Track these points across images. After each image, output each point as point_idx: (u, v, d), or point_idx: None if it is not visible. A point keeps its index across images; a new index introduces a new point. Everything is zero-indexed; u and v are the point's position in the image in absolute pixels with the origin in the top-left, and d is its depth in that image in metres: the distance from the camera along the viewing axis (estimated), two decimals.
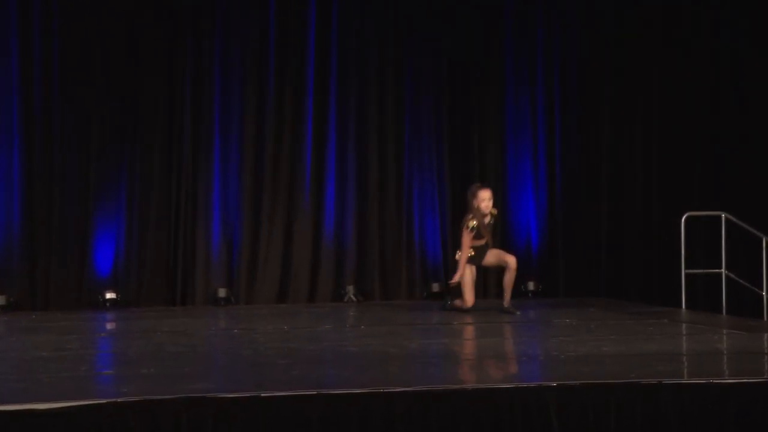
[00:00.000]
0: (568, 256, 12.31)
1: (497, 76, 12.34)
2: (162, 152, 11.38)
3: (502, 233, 12.24)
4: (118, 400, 5.60)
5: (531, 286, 12.18)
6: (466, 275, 10.25)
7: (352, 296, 11.78)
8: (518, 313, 10.15)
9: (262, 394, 5.74)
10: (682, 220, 11.24)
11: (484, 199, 10.20)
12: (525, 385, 6.09)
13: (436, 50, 12.15)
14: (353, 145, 11.96)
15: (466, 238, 10.22)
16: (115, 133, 11.32)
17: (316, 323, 9.83)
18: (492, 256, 10.39)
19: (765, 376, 6.49)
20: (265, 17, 11.71)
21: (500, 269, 10.59)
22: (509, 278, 10.25)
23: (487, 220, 10.33)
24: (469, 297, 10.24)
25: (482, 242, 10.32)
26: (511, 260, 10.27)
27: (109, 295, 11.13)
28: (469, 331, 9.05)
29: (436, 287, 11.98)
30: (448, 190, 12.18)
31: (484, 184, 10.65)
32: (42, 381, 6.39)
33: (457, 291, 10.42)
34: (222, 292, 11.49)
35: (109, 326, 10.13)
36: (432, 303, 11.66)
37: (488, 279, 11.89)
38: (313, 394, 5.79)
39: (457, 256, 10.45)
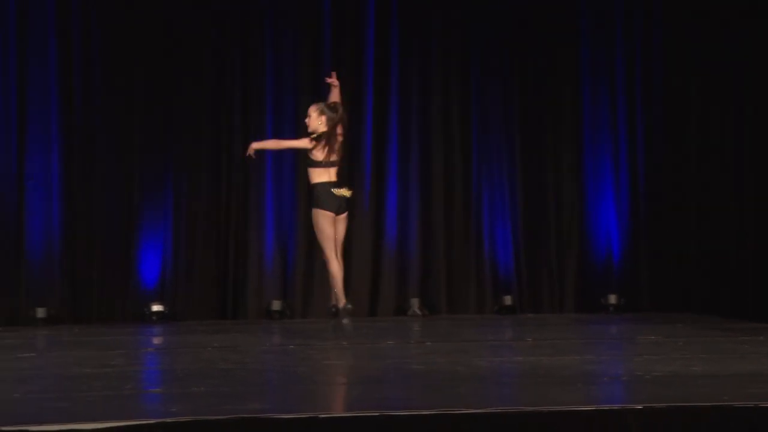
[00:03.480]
0: (652, 266, 12.20)
1: (572, 70, 12.28)
2: (210, 156, 11.48)
3: (579, 242, 12.18)
4: (167, 420, 5.64)
5: (612, 299, 12.09)
6: (325, 226, 9.21)
7: (416, 310, 11.78)
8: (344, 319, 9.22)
9: (320, 416, 5.75)
10: None
11: (308, 115, 9.30)
12: (606, 407, 6.04)
13: (505, 44, 12.12)
14: (416, 146, 11.98)
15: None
16: (160, 136, 11.44)
17: (378, 339, 9.83)
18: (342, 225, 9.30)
19: None
20: (320, 9, 11.76)
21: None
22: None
23: (334, 143, 9.22)
24: (330, 254, 9.21)
25: (335, 175, 9.24)
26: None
27: (155, 308, 11.24)
28: (545, 348, 9.00)
29: (508, 300, 11.95)
30: (521, 195, 12.14)
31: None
32: (85, 399, 6.46)
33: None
34: (276, 305, 11.55)
35: (155, 341, 10.22)
36: (503, 317, 11.64)
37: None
38: (375, 415, 5.79)
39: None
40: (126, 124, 11.35)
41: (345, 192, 9.37)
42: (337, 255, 9.35)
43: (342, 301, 9.28)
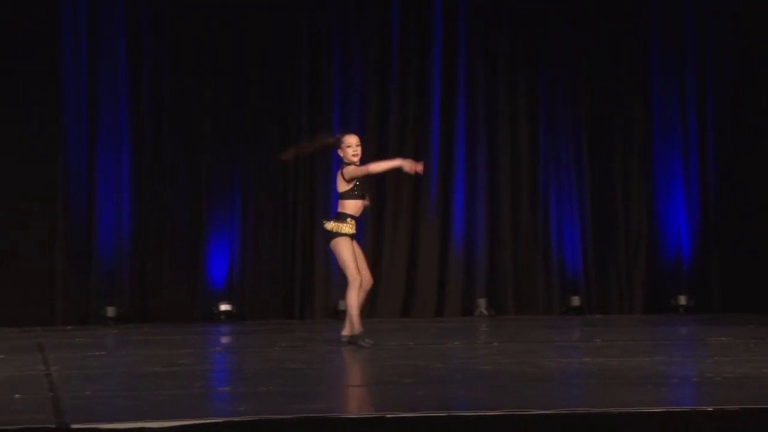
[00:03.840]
0: (723, 267, 12.06)
1: (641, 69, 12.18)
2: (277, 152, 11.47)
3: (648, 242, 12.08)
4: (235, 419, 5.67)
5: (682, 300, 11.98)
6: (348, 246, 8.79)
7: (483, 310, 11.76)
8: (368, 343, 8.81)
9: (387, 416, 5.75)
10: None
11: (351, 144, 8.92)
12: (677, 409, 5.98)
13: (572, 38, 12.06)
14: (483, 144, 11.95)
15: (376, 165, 8.99)
16: (228, 134, 11.52)
17: (444, 339, 9.82)
18: (358, 254, 8.91)
19: None
20: (387, 5, 11.77)
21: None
22: (361, 297, 8.91)
23: (360, 174, 8.91)
24: (353, 272, 8.80)
25: (360, 212, 8.87)
26: (367, 277, 8.96)
27: (223, 307, 11.32)
28: (614, 350, 8.93)
29: (575, 301, 11.88)
30: (589, 195, 12.07)
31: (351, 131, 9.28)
32: (154, 398, 6.52)
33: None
34: (342, 305, 11.54)
35: (223, 340, 10.30)
36: (571, 318, 11.58)
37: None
38: (441, 415, 5.79)
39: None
40: (194, 125, 11.44)
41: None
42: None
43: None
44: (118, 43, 11.28)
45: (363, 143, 11.55)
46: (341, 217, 8.78)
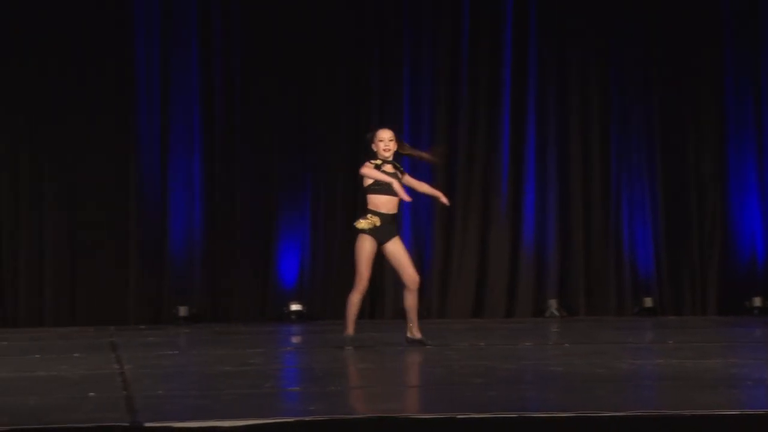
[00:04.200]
0: None
1: (715, 69, 12.05)
2: (347, 154, 11.53)
3: (722, 243, 11.94)
4: (305, 418, 5.70)
5: (757, 302, 11.83)
6: (365, 246, 8.69)
7: (554, 311, 11.70)
8: (429, 344, 8.79)
9: (457, 416, 5.75)
10: None
11: (383, 139, 8.67)
12: (750, 412, 5.90)
13: (643, 40, 11.96)
14: (554, 145, 11.90)
15: (368, 170, 8.61)
16: (299, 134, 11.58)
17: (515, 340, 9.78)
18: (395, 252, 8.76)
19: None
20: (458, 8, 11.75)
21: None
22: (411, 301, 8.81)
23: (391, 169, 8.68)
24: (359, 274, 8.75)
25: (391, 209, 8.66)
26: (410, 277, 8.81)
27: (294, 307, 11.38)
28: (687, 351, 8.84)
29: (648, 302, 11.78)
30: (661, 194, 11.97)
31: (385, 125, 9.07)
32: (224, 397, 6.57)
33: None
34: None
35: (294, 340, 10.34)
36: (644, 319, 11.48)
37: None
38: (512, 416, 5.76)
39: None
40: (265, 125, 11.52)
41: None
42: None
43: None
44: (190, 44, 11.39)
45: (433, 144, 11.65)
46: (364, 213, 8.71)
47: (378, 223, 8.65)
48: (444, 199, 8.93)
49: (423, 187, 9.11)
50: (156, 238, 11.34)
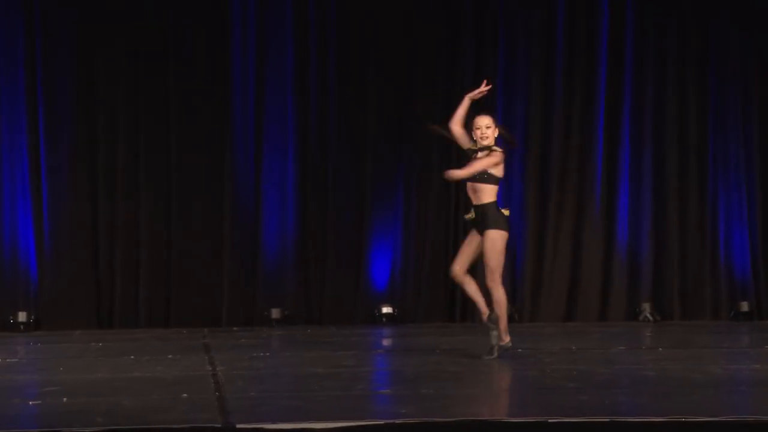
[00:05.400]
0: None
1: None
2: (440, 154, 11.47)
3: None
4: (396, 421, 5.72)
5: None
6: (467, 238, 8.60)
7: (648, 315, 11.57)
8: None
9: (549, 420, 5.73)
10: None
11: (479, 126, 8.55)
12: None
13: (742, 36, 11.76)
14: (649, 145, 11.75)
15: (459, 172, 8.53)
16: (391, 136, 11.58)
17: (608, 344, 9.71)
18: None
19: None
20: (554, 2, 11.67)
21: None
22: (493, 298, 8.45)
23: (484, 157, 8.52)
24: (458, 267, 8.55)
25: (475, 199, 8.55)
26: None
27: (385, 310, 11.40)
28: None
29: (744, 306, 11.60)
30: (759, 197, 11.77)
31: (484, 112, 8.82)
32: (317, 399, 6.62)
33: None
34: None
35: (385, 342, 10.37)
36: (740, 324, 11.31)
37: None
38: (605, 421, 5.73)
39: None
40: (358, 127, 11.54)
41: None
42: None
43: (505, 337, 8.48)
44: (285, 46, 11.44)
45: (528, 142, 11.56)
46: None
47: (473, 216, 8.58)
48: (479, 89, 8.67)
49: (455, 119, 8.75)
50: (249, 240, 11.43)
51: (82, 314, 11.14)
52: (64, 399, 6.66)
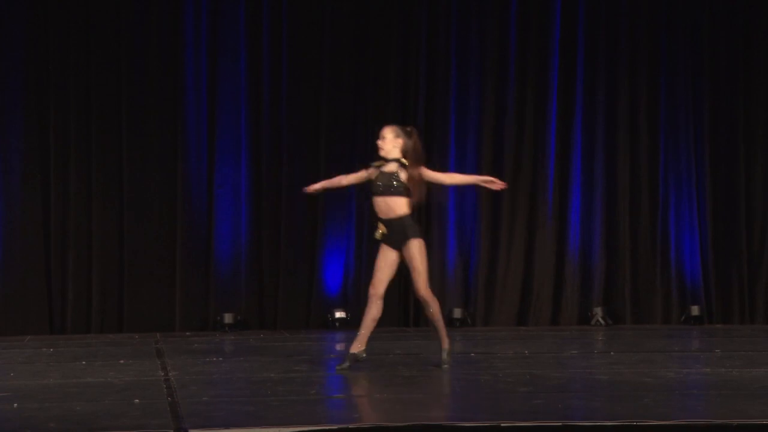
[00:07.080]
0: None
1: (766, 71, 11.94)
2: None
3: None
4: (350, 426, 5.71)
5: None
6: (379, 257, 8.36)
7: (600, 319, 11.64)
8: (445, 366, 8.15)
9: (502, 424, 5.74)
10: None
11: (380, 136, 8.29)
12: None
13: (693, 43, 11.87)
14: (601, 151, 11.84)
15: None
16: (344, 143, 11.58)
17: (561, 348, 9.75)
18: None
19: None
20: (506, 7, 11.70)
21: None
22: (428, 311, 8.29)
23: (391, 169, 8.22)
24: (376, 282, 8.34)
25: (384, 213, 8.24)
26: (416, 288, 8.24)
27: (338, 315, 11.39)
28: (735, 360, 8.78)
29: (695, 310, 11.70)
30: (709, 203, 11.88)
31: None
32: (270, 404, 6.60)
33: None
34: (457, 313, 11.57)
35: (338, 347, 10.35)
36: (690, 328, 11.40)
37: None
38: (558, 425, 5.75)
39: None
40: (311, 133, 11.53)
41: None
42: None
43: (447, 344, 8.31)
44: (238, 51, 11.42)
45: (481, 147, 11.57)
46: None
47: (385, 231, 8.32)
48: (495, 184, 8.35)
49: (456, 178, 8.96)
50: (202, 245, 11.39)
51: (33, 320, 11.06)
52: (15, 405, 6.60)
